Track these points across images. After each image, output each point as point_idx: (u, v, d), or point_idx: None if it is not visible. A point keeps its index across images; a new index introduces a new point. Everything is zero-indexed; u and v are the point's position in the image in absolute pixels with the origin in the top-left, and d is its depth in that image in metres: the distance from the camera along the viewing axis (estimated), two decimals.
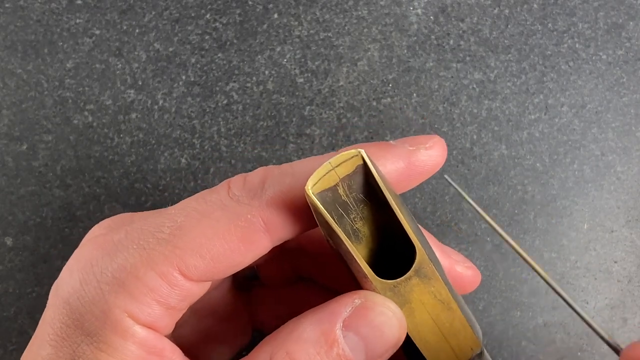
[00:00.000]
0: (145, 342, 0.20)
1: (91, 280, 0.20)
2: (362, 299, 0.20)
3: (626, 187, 0.37)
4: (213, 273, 0.21)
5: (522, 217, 0.36)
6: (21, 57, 0.37)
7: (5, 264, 0.35)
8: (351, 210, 0.21)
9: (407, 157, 0.22)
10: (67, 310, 0.20)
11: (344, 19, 0.38)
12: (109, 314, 0.20)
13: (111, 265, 0.20)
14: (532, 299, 0.36)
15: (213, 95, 0.37)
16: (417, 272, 0.20)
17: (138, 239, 0.20)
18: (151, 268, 0.20)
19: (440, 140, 0.23)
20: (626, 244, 0.37)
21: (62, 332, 0.20)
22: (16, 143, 0.36)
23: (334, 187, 0.20)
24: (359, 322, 0.20)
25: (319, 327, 0.20)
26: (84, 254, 0.21)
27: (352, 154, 0.20)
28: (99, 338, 0.20)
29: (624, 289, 0.36)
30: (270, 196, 0.21)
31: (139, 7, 0.38)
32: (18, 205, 0.35)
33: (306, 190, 0.19)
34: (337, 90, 0.37)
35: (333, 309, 0.20)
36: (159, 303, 0.20)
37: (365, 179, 0.20)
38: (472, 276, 0.26)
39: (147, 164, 0.36)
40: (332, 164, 0.20)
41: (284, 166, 0.22)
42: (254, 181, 0.21)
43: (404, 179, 0.22)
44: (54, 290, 0.21)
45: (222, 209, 0.21)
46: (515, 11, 0.38)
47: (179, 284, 0.20)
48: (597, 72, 0.38)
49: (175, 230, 0.20)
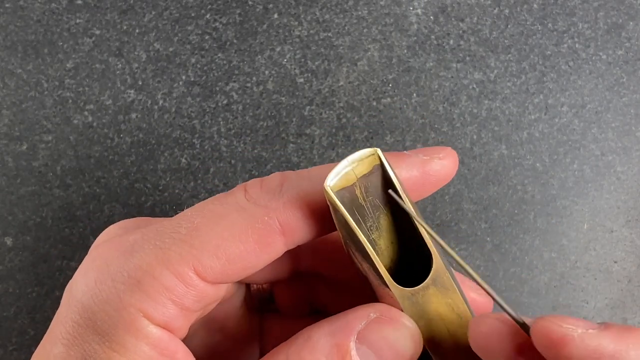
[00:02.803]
0: (159, 343, 0.20)
1: (106, 280, 0.20)
2: (378, 312, 0.20)
3: (626, 187, 0.37)
4: (228, 275, 0.21)
5: (522, 217, 0.36)
6: (21, 57, 0.37)
7: (5, 264, 0.35)
8: (367, 218, 0.21)
9: (422, 166, 0.22)
10: (80, 309, 0.20)
11: (344, 19, 0.38)
12: (123, 312, 0.20)
13: (127, 265, 0.20)
14: (532, 299, 0.36)
15: (213, 95, 0.37)
16: (434, 280, 0.20)
17: (154, 239, 0.21)
18: (167, 267, 0.20)
19: (453, 152, 0.23)
20: (626, 244, 0.37)
21: (74, 330, 0.20)
22: (16, 143, 0.36)
23: (352, 187, 0.20)
24: (373, 336, 0.20)
25: (333, 338, 0.20)
26: (99, 253, 0.21)
27: (369, 152, 0.20)
28: (111, 337, 0.20)
29: (624, 289, 0.36)
30: (288, 199, 0.21)
31: (139, 7, 0.38)
32: (18, 205, 0.35)
33: (325, 187, 0.19)
34: (337, 90, 0.37)
35: (348, 320, 0.20)
36: (174, 303, 0.20)
37: (382, 181, 0.21)
38: (485, 302, 0.26)
39: (147, 164, 0.36)
40: (350, 161, 0.20)
41: (301, 171, 0.22)
42: (271, 184, 0.22)
43: (418, 187, 0.22)
44: (67, 289, 0.21)
45: (238, 211, 0.21)
46: (515, 11, 0.38)
47: (194, 284, 0.20)
48: (597, 72, 0.38)
49: (191, 231, 0.20)
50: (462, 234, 0.36)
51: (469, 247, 0.36)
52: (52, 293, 0.35)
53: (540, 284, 0.36)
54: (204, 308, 0.22)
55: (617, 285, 0.36)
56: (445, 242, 0.19)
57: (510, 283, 0.36)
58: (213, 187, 0.36)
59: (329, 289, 0.28)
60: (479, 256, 0.36)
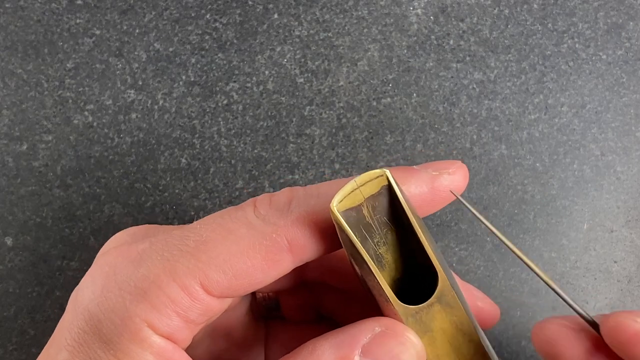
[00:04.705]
0: (163, 352, 0.20)
1: (113, 288, 0.20)
2: (383, 327, 0.21)
3: (626, 187, 0.37)
4: (234, 290, 0.21)
5: (522, 217, 0.36)
6: (21, 57, 0.37)
7: (5, 264, 0.35)
8: (375, 234, 0.21)
9: (431, 181, 0.22)
10: (86, 316, 0.20)
11: (344, 19, 0.38)
12: (128, 322, 0.20)
13: (134, 274, 0.20)
14: (532, 299, 0.36)
15: (213, 95, 0.37)
16: (439, 299, 0.20)
17: (162, 250, 0.21)
18: (173, 279, 0.20)
19: (463, 166, 0.23)
20: (626, 244, 0.37)
21: (79, 337, 0.20)
22: (16, 143, 0.36)
23: (359, 207, 0.20)
24: (378, 350, 0.20)
25: (337, 351, 0.20)
26: (107, 261, 0.21)
27: (377, 174, 0.20)
28: (115, 346, 0.20)
29: (624, 289, 0.36)
30: (296, 217, 0.21)
31: (139, 7, 0.38)
32: (18, 205, 0.35)
33: (331, 207, 0.19)
34: (337, 90, 0.37)
35: (353, 334, 0.21)
36: (178, 315, 0.20)
37: (390, 201, 0.21)
38: (492, 311, 0.26)
39: (147, 164, 0.36)
40: (358, 183, 0.20)
41: (309, 187, 0.22)
42: (280, 201, 0.22)
43: (427, 203, 0.22)
44: (73, 296, 0.22)
45: (247, 227, 0.21)
46: (515, 11, 0.38)
47: (199, 298, 0.20)
48: (597, 72, 0.38)
49: (200, 245, 0.21)
50: (462, 234, 0.36)
51: (469, 247, 0.36)
52: (52, 293, 0.35)
53: (540, 284, 0.36)
54: (209, 319, 0.22)
55: (617, 285, 0.36)
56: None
57: (510, 283, 0.36)
58: (213, 187, 0.36)
59: (335, 296, 0.28)
60: (479, 256, 0.36)
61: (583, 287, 0.36)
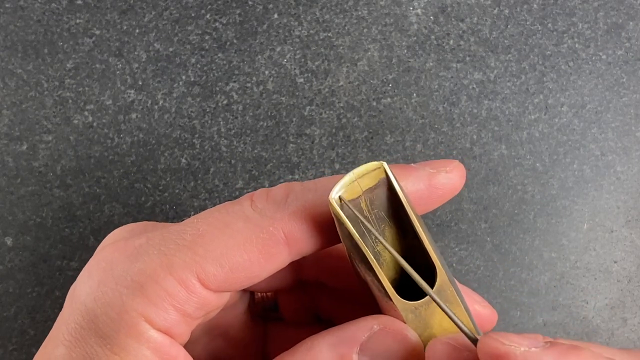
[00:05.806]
0: (160, 347, 0.20)
1: (109, 283, 0.20)
2: (381, 324, 0.20)
3: (626, 187, 0.37)
4: (231, 283, 0.21)
5: (522, 217, 0.36)
6: (21, 57, 0.37)
7: (5, 264, 0.35)
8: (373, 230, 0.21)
9: (428, 179, 0.22)
10: (83, 311, 0.20)
11: (344, 19, 0.38)
12: (125, 316, 0.20)
13: (131, 269, 0.20)
14: (532, 299, 0.36)
15: (213, 95, 0.37)
16: (438, 294, 0.20)
17: (159, 245, 0.21)
18: (170, 273, 0.20)
19: (460, 165, 0.23)
20: (626, 244, 0.37)
21: (76, 332, 0.20)
22: (16, 143, 0.36)
23: (357, 200, 0.20)
24: (376, 348, 0.20)
25: (335, 349, 0.20)
26: (104, 256, 0.21)
27: (375, 166, 0.20)
28: (112, 341, 0.20)
29: (624, 289, 0.36)
30: (293, 210, 0.21)
31: (139, 7, 0.38)
32: (18, 205, 0.35)
33: (330, 199, 0.19)
34: (337, 90, 0.37)
35: (351, 331, 0.21)
36: (175, 309, 0.20)
37: (388, 195, 0.21)
38: (490, 315, 0.26)
39: (147, 164, 0.36)
40: (355, 174, 0.20)
41: (307, 183, 0.22)
42: (278, 195, 0.22)
43: (424, 201, 0.22)
44: (71, 291, 0.21)
45: (244, 220, 0.21)
46: (515, 11, 0.38)
47: (196, 292, 0.20)
48: (597, 72, 0.38)
49: (196, 238, 0.21)
50: (462, 234, 0.36)
51: (469, 247, 0.36)
52: (52, 293, 0.35)
53: (540, 284, 0.36)
54: (206, 315, 0.22)
55: (617, 285, 0.36)
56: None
57: (510, 283, 0.36)
58: (213, 187, 0.36)
59: (332, 298, 0.28)
60: (479, 256, 0.36)
61: (583, 287, 0.36)
